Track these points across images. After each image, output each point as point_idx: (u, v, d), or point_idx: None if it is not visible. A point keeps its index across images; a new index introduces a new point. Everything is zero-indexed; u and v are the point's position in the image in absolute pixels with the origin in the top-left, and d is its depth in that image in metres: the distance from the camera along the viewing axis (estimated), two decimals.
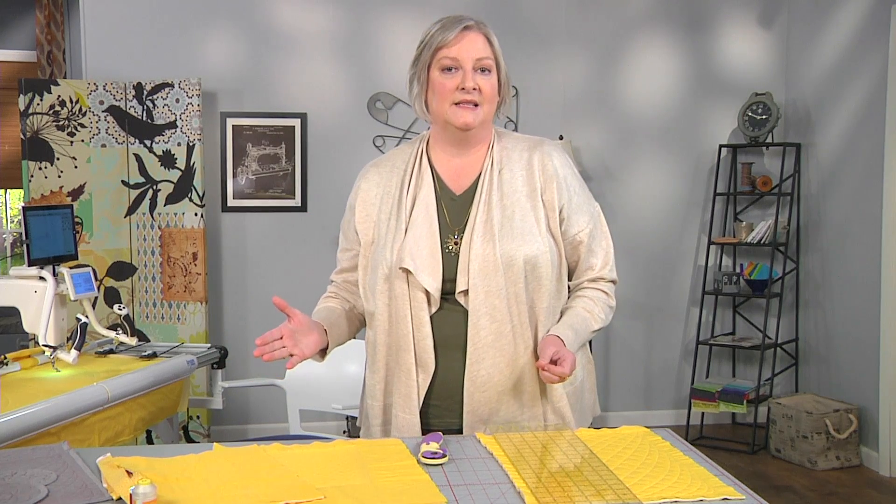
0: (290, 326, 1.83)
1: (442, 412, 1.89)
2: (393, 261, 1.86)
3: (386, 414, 1.94)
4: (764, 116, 5.12)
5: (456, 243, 1.88)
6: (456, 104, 1.86)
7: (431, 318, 1.85)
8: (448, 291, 1.86)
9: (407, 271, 1.84)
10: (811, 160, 5.17)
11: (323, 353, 1.95)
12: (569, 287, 2.00)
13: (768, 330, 5.12)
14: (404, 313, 1.85)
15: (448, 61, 1.86)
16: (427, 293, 1.84)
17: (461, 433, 1.86)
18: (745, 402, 4.97)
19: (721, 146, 5.30)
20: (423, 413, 1.88)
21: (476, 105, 1.86)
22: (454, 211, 1.91)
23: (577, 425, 1.96)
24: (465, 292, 1.84)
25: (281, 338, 1.80)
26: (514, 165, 1.92)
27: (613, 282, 2.01)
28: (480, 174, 1.92)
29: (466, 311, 1.84)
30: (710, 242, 5.31)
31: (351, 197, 2.01)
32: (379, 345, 1.92)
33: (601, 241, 1.99)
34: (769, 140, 5.19)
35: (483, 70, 1.86)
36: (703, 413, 5.22)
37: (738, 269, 5.37)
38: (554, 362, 1.75)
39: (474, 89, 1.85)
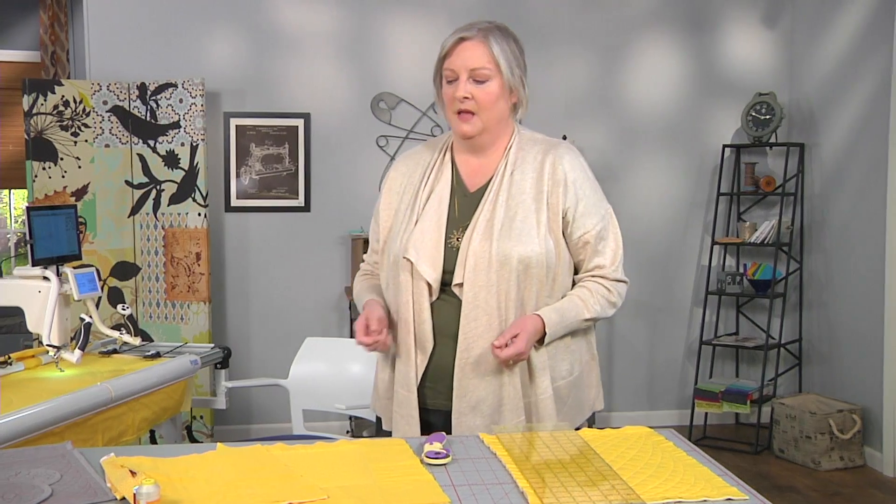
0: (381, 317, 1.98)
1: (435, 394, 2.00)
2: (399, 250, 1.98)
3: (390, 390, 2.07)
4: (767, 116, 5.12)
5: (458, 238, 1.98)
6: (457, 114, 1.98)
7: (431, 305, 1.97)
8: (447, 282, 1.97)
9: (410, 261, 1.96)
10: (815, 160, 5.16)
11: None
12: (574, 282, 2.07)
13: (772, 330, 5.11)
14: (406, 299, 1.97)
15: (448, 73, 1.99)
16: (428, 283, 1.95)
17: (450, 415, 1.96)
18: (748, 402, 4.96)
19: (724, 146, 5.29)
20: (421, 392, 2.00)
21: (473, 114, 1.97)
22: (464, 207, 2.01)
23: (569, 419, 2.01)
24: (461, 285, 1.94)
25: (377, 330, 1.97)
26: (526, 167, 2.01)
27: (619, 281, 2.06)
28: (494, 174, 2.02)
29: (461, 302, 1.94)
30: (713, 242, 5.30)
31: (382, 184, 2.17)
32: (391, 324, 2.04)
33: (609, 242, 2.04)
34: (773, 140, 5.18)
35: (478, 80, 1.95)
36: (706, 413, 5.21)
37: (741, 269, 5.37)
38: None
39: (466, 98, 1.95)
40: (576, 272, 2.06)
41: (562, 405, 2.00)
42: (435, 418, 1.99)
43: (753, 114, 5.16)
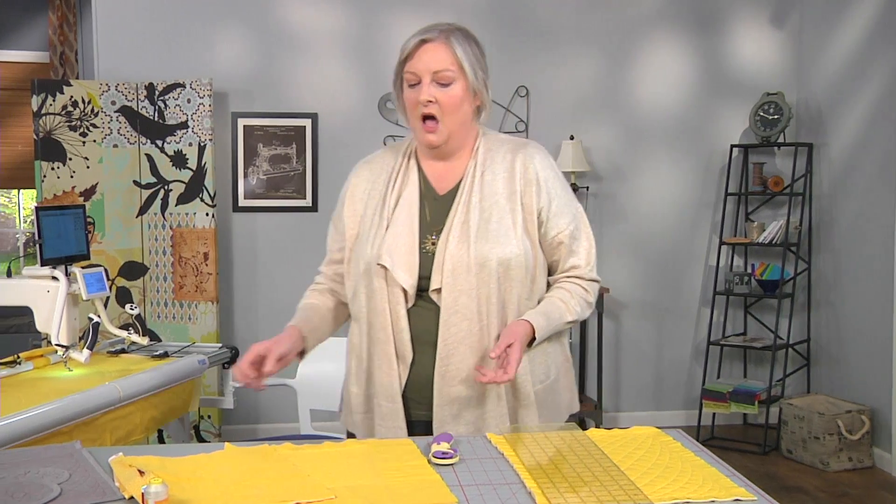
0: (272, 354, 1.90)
1: (415, 405, 1.94)
2: (372, 256, 1.92)
3: (368, 403, 1.99)
4: (776, 116, 5.10)
5: (433, 243, 1.93)
6: (422, 122, 1.92)
7: (408, 312, 1.91)
8: (423, 288, 1.91)
9: (384, 267, 1.90)
10: (823, 160, 5.15)
11: (300, 354, 2.03)
12: (548, 283, 2.03)
13: (780, 330, 5.10)
14: (382, 307, 1.91)
15: (410, 76, 1.93)
16: (404, 289, 1.90)
17: (432, 425, 1.91)
18: (756, 402, 4.95)
19: (732, 146, 5.28)
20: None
21: (436, 122, 1.91)
22: (435, 211, 1.96)
23: (548, 421, 1.98)
24: (439, 290, 1.89)
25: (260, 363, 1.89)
26: (496, 168, 1.97)
27: (594, 280, 2.04)
28: (464, 176, 1.97)
29: (439, 308, 1.89)
30: (721, 242, 5.29)
31: (342, 190, 2.10)
32: (362, 336, 1.98)
33: (582, 242, 2.01)
34: (781, 140, 5.17)
35: (441, 83, 1.90)
36: (714, 414, 5.21)
37: (749, 270, 5.35)
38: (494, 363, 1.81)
39: (430, 102, 1.90)
40: (549, 273, 2.03)
41: (541, 409, 1.97)
42: (416, 430, 1.93)
43: (761, 113, 5.15)
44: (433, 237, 1.93)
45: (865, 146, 4.77)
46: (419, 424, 1.93)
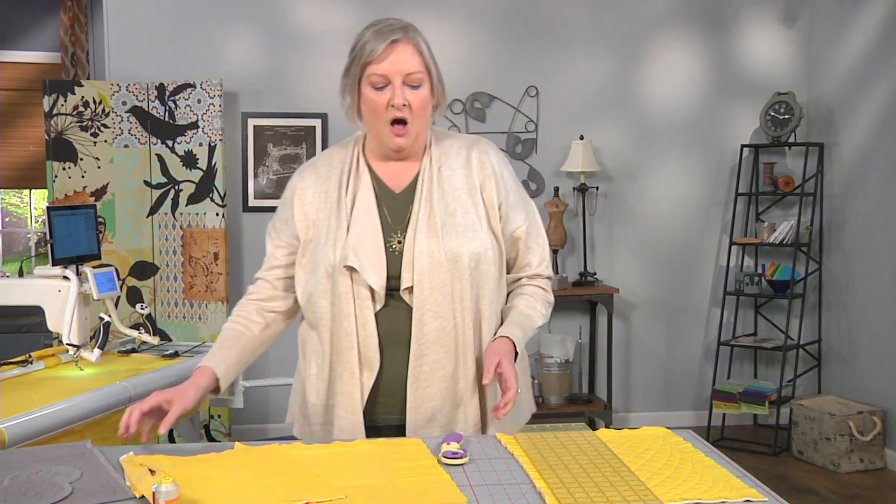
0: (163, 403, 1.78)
1: (386, 409, 1.89)
2: (336, 259, 1.85)
3: (328, 414, 1.94)
4: (786, 116, 5.08)
5: (399, 241, 1.88)
6: (391, 125, 1.86)
7: (376, 315, 1.86)
8: (391, 288, 1.86)
9: (351, 269, 1.84)
10: (834, 160, 5.13)
11: (215, 391, 1.93)
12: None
13: (790, 331, 5.08)
14: (348, 311, 1.85)
15: (377, 78, 1.86)
16: (371, 290, 1.85)
17: (404, 429, 1.87)
18: (766, 403, 4.93)
19: (743, 146, 5.26)
20: (369, 410, 1.88)
21: (406, 123, 1.86)
22: (395, 209, 1.91)
23: (513, 423, 1.97)
24: (410, 289, 1.84)
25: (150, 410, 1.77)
26: (452, 163, 1.94)
27: (549, 278, 2.03)
28: (419, 172, 1.93)
29: (410, 308, 1.85)
30: (731, 243, 5.28)
31: (286, 195, 1.99)
32: (322, 343, 1.92)
33: (537, 239, 2.00)
34: (791, 140, 5.15)
35: (411, 85, 1.86)
36: (724, 414, 5.19)
37: (759, 270, 5.34)
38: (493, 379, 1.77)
39: (404, 105, 1.85)
40: (507, 271, 2.00)
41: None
42: (386, 435, 1.84)
43: (772, 113, 5.13)
44: (398, 235, 1.88)
45: (877, 146, 4.75)
46: (388, 429, 1.88)
